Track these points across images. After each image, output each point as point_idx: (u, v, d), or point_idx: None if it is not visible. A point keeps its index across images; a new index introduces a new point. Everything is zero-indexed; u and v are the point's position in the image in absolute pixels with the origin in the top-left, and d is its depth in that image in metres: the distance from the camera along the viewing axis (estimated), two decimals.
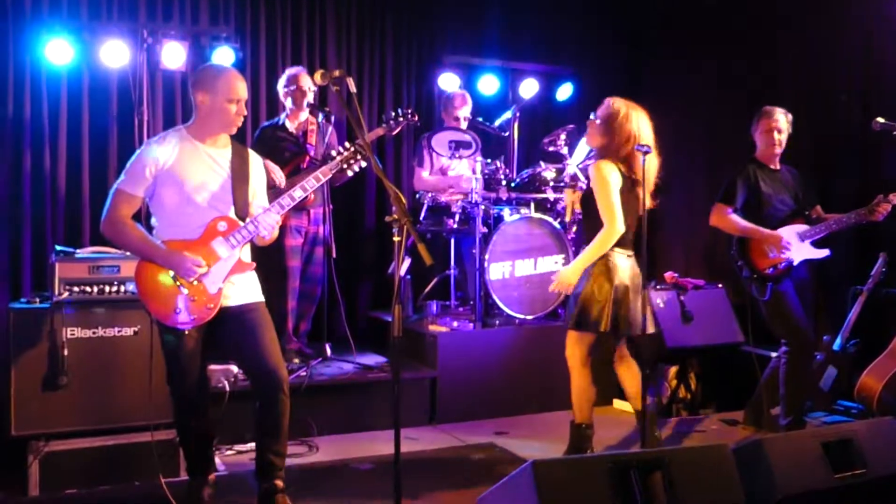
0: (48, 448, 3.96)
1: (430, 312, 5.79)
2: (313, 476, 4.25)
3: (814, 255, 4.80)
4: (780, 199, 4.84)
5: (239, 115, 3.57)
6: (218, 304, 3.49)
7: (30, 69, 5.45)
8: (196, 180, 3.50)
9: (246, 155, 3.70)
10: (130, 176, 3.50)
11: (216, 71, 3.65)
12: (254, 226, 3.51)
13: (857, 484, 3.19)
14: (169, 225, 3.53)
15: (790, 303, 4.75)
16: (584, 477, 2.82)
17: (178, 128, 3.65)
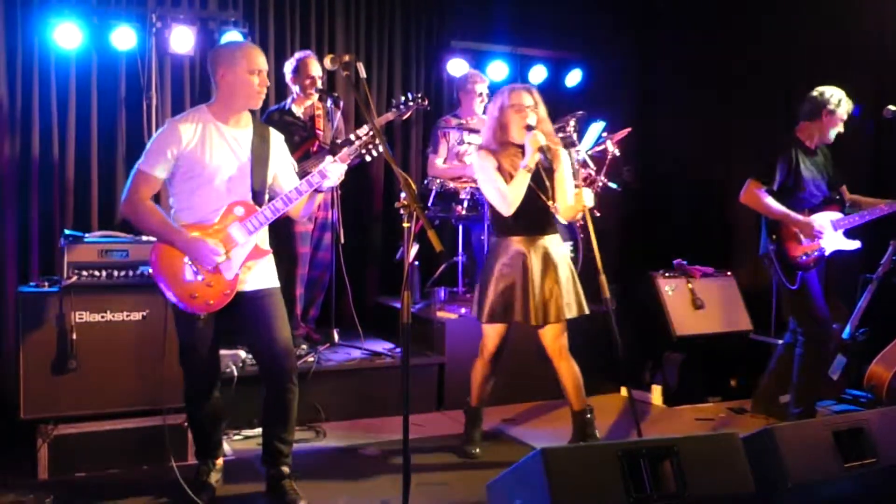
0: (57, 432, 3.96)
1: (438, 299, 5.78)
2: (321, 461, 4.27)
3: (845, 245, 4.73)
4: (816, 184, 4.75)
5: (262, 87, 3.51)
6: (234, 291, 3.47)
7: (38, 53, 5.43)
8: (216, 163, 3.46)
9: (267, 134, 3.66)
10: (151, 156, 3.46)
11: (234, 45, 3.61)
12: (271, 212, 3.48)
13: (869, 473, 3.17)
14: (186, 208, 3.50)
15: (815, 293, 4.69)
16: (594, 464, 2.82)
17: (199, 107, 3.59)
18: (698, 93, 6.88)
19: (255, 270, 3.58)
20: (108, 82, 5.71)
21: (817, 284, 4.72)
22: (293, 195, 3.51)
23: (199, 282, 3.44)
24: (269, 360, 3.59)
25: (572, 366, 4.25)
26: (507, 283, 4.14)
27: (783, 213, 4.65)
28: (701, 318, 5.71)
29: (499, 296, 4.15)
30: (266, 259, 3.62)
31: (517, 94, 4.15)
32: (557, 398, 5.44)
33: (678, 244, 6.68)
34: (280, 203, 3.50)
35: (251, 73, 3.47)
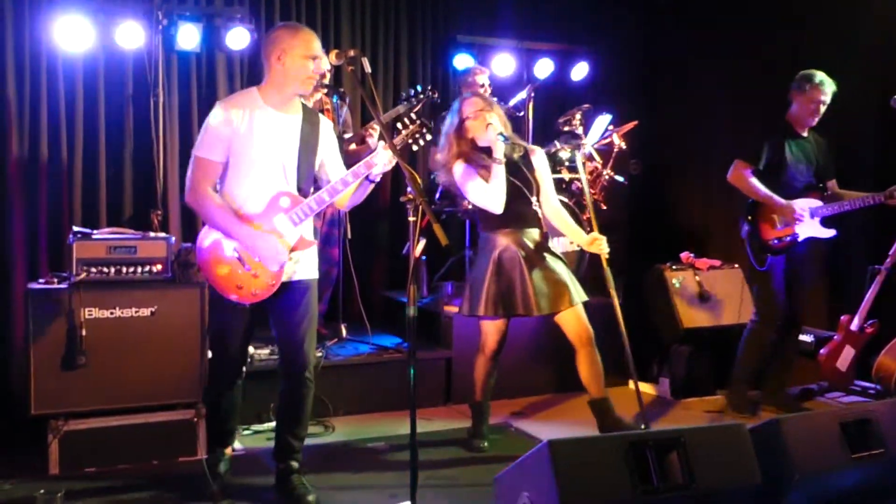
0: (67, 427, 3.99)
1: (446, 293, 5.79)
2: (330, 456, 4.28)
3: (820, 233, 4.79)
4: (799, 168, 4.81)
5: (317, 73, 3.45)
6: (279, 282, 3.45)
7: (46, 52, 5.45)
8: (265, 149, 3.42)
9: (316, 120, 3.61)
10: (208, 141, 3.41)
11: (293, 28, 3.49)
12: (317, 203, 3.45)
13: (876, 463, 3.17)
14: (233, 194, 3.45)
15: (776, 278, 4.83)
16: (600, 456, 2.83)
17: (249, 90, 3.54)
18: (705, 85, 6.86)
19: (301, 263, 3.56)
20: (116, 80, 5.72)
21: (782, 271, 4.84)
22: (339, 186, 3.45)
23: (247, 272, 3.42)
24: (288, 351, 3.61)
25: (595, 353, 4.23)
26: (503, 277, 4.16)
27: (767, 195, 4.74)
28: (708, 310, 5.70)
29: (496, 290, 4.16)
30: (310, 250, 3.59)
31: (470, 102, 4.26)
32: (565, 391, 5.49)
33: (685, 237, 6.68)
34: (326, 195, 3.45)
35: (307, 58, 3.40)
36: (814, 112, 4.78)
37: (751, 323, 5.04)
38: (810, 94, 4.75)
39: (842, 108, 5.56)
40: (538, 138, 6.61)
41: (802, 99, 4.79)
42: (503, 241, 4.20)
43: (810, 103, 4.76)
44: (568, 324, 4.21)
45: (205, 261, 3.48)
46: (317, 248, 3.68)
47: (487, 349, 4.36)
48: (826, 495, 3.17)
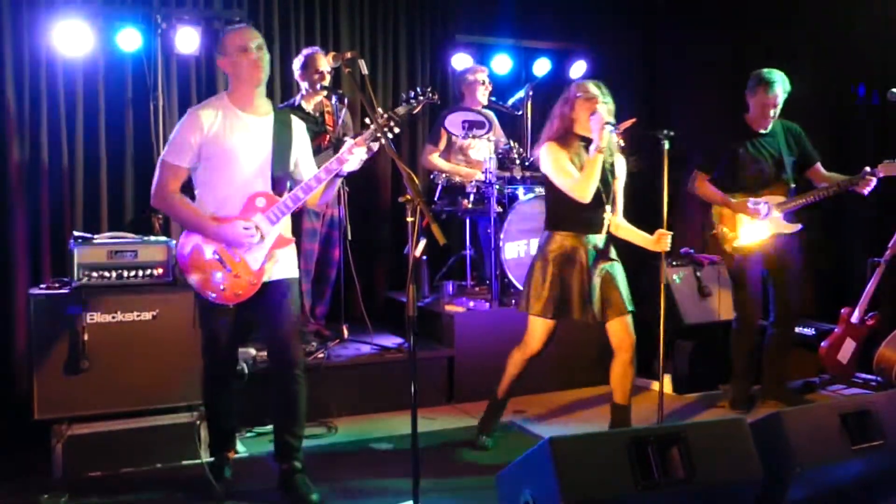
0: (71, 431, 4.00)
1: (447, 293, 5.80)
2: (333, 457, 4.29)
3: (784, 229, 4.79)
4: (759, 166, 4.84)
5: (259, 61, 3.50)
6: (261, 281, 3.52)
7: (45, 56, 5.47)
8: (238, 151, 3.50)
9: (288, 121, 3.69)
10: (175, 147, 3.51)
11: (230, 29, 3.66)
12: (292, 201, 3.51)
13: (876, 455, 3.18)
14: (210, 197, 3.54)
15: (750, 279, 4.90)
16: (601, 452, 2.84)
17: (220, 95, 3.65)
18: (704, 83, 6.86)
19: (280, 262, 3.61)
20: (115, 83, 5.74)
21: (756, 271, 4.90)
22: (312, 183, 3.51)
23: (228, 273, 3.48)
24: (276, 350, 3.66)
25: (632, 363, 4.15)
26: (562, 279, 4.07)
27: (722, 198, 4.86)
28: (709, 306, 5.72)
29: (554, 290, 4.07)
30: (289, 248, 3.66)
31: (584, 86, 4.11)
32: (567, 388, 5.50)
33: (685, 234, 6.68)
34: (301, 192, 3.51)
35: (242, 52, 3.49)
36: (767, 113, 4.80)
37: (734, 323, 5.12)
38: (760, 93, 4.80)
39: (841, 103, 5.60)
40: (537, 137, 6.61)
41: (755, 99, 4.84)
42: (566, 242, 4.09)
43: (761, 104, 4.81)
44: (614, 331, 4.12)
45: (186, 265, 3.55)
46: (295, 248, 3.73)
47: (530, 348, 4.24)
48: (827, 487, 3.18)
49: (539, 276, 4.12)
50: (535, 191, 5.76)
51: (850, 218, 5.36)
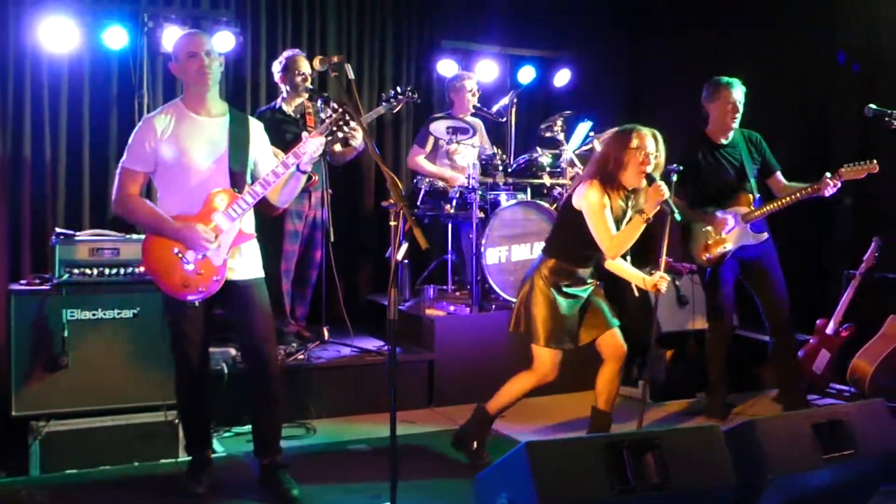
0: (49, 428, 4.00)
1: (428, 297, 5.83)
2: (311, 458, 4.30)
3: (751, 240, 4.84)
4: (720, 176, 4.87)
5: (207, 68, 3.55)
6: (223, 277, 3.56)
7: (30, 52, 5.47)
8: (193, 152, 3.55)
9: (245, 122, 3.75)
10: (131, 153, 3.58)
11: (179, 35, 3.74)
12: (252, 196, 3.55)
13: (847, 464, 3.23)
14: (170, 199, 3.59)
15: (723, 289, 4.93)
16: (578, 457, 2.87)
17: (174, 101, 3.72)
18: (686, 95, 6.90)
19: (243, 258, 3.65)
20: (100, 81, 5.75)
21: (728, 281, 4.92)
22: (270, 178, 3.57)
23: (190, 270, 3.51)
24: (251, 348, 3.69)
25: (619, 372, 4.15)
26: (572, 312, 4.07)
27: (691, 213, 4.85)
28: (687, 314, 5.77)
29: (564, 322, 4.04)
30: (251, 244, 3.70)
31: (642, 137, 3.90)
32: (545, 394, 5.51)
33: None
34: (259, 187, 3.56)
35: (190, 57, 3.56)
36: (730, 118, 4.83)
37: (707, 332, 5.17)
38: (719, 98, 4.82)
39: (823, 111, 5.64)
40: (520, 144, 6.68)
41: (714, 105, 4.86)
42: (567, 271, 4.05)
43: (721, 108, 4.83)
44: (605, 344, 4.12)
45: (150, 265, 3.58)
46: (258, 245, 3.76)
47: (543, 377, 4.14)
48: (799, 495, 3.22)
49: (543, 304, 4.05)
50: (517, 197, 5.81)
51: (826, 230, 5.42)
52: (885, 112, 4.53)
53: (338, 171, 5.86)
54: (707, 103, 4.93)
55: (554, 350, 4.07)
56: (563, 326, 4.05)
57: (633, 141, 3.88)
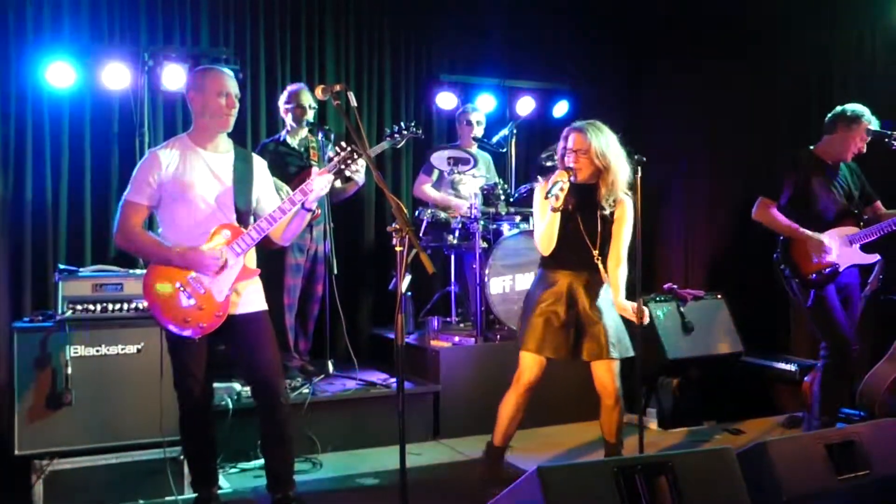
0: (52, 467, 3.95)
1: (432, 328, 5.80)
2: (319, 493, 4.25)
3: (862, 260, 4.70)
4: (830, 198, 4.72)
5: (230, 109, 3.58)
6: (226, 313, 3.52)
7: (31, 91, 5.50)
8: (198, 187, 3.54)
9: (250, 159, 3.74)
10: (136, 186, 3.55)
11: (203, 70, 3.69)
12: (257, 232, 3.54)
13: (861, 485, 3.20)
14: (173, 233, 3.56)
15: (832, 307, 4.66)
16: (590, 482, 2.83)
17: (180, 136, 3.71)
18: (686, 121, 6.99)
19: (245, 293, 3.63)
20: (102, 119, 5.77)
21: (835, 300, 4.68)
22: (277, 214, 3.57)
23: (192, 306, 3.49)
24: (258, 382, 3.65)
25: (615, 410, 4.05)
26: (550, 314, 3.99)
27: (791, 227, 4.66)
28: (692, 341, 5.73)
29: (542, 326, 3.99)
30: (254, 280, 3.67)
31: (568, 135, 4.04)
32: (555, 423, 5.49)
33: (667, 269, 6.75)
34: (265, 223, 3.56)
35: (218, 96, 3.55)
36: (856, 148, 4.70)
37: (822, 360, 4.77)
38: (855, 130, 4.66)
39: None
40: (521, 173, 6.71)
41: (847, 135, 4.68)
42: (555, 279, 4.04)
43: (857, 139, 4.67)
44: (596, 375, 4.04)
45: (151, 299, 3.54)
46: (260, 281, 3.72)
47: (521, 384, 4.07)
48: None
49: (527, 309, 4.10)
50: (519, 227, 5.81)
51: None
52: (885, 133, 4.55)
53: (338, 208, 5.87)
54: (838, 127, 4.71)
55: (529, 354, 4.02)
56: (539, 332, 3.98)
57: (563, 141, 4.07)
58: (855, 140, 4.68)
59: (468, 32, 7.08)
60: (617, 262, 4.06)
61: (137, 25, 5.90)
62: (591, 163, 3.96)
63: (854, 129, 4.66)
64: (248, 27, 6.29)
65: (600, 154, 3.95)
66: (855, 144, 4.69)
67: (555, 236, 4.00)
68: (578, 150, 3.96)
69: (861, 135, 4.67)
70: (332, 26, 6.61)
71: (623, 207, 4.05)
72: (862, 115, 4.65)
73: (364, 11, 6.73)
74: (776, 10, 6.16)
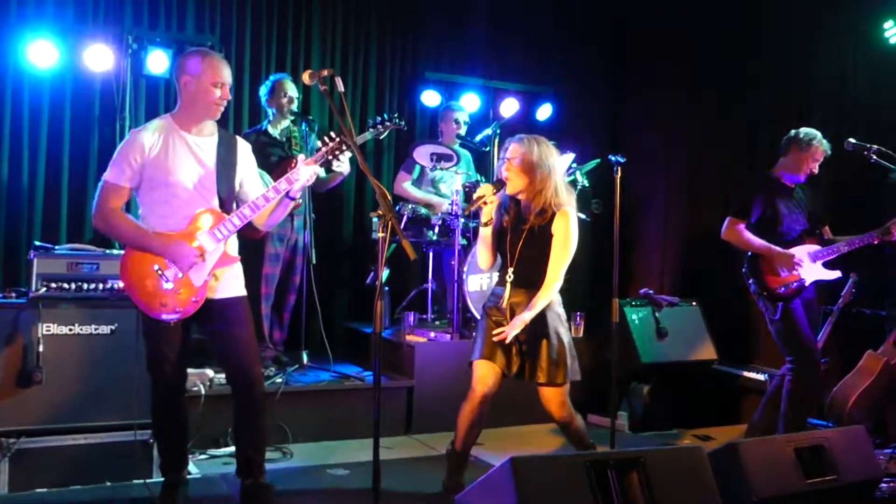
0: (19, 445, 3.89)
1: (408, 324, 5.79)
2: (288, 480, 4.21)
3: (825, 276, 4.80)
4: (794, 217, 4.83)
5: (223, 100, 3.53)
6: (203, 298, 3.48)
7: (12, 70, 5.44)
8: (181, 170, 3.49)
9: (234, 143, 3.69)
10: (116, 167, 3.48)
11: (202, 53, 3.58)
12: (239, 219, 3.50)
13: (829, 489, 3.24)
14: (154, 216, 3.51)
15: (799, 321, 4.74)
16: (563, 474, 2.85)
17: (163, 116, 3.64)
18: (666, 129, 7.05)
19: (224, 278, 3.58)
20: (83, 101, 5.73)
21: (802, 313, 4.76)
22: (260, 201, 3.52)
23: (169, 289, 3.44)
24: (235, 368, 3.62)
25: (568, 430, 4.03)
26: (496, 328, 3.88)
27: (764, 246, 4.74)
28: (666, 346, 5.78)
29: (491, 338, 3.88)
30: (234, 267, 3.63)
31: (507, 146, 3.96)
32: (526, 423, 5.50)
33: (645, 274, 6.79)
34: (248, 210, 3.51)
35: (214, 85, 3.49)
36: (810, 169, 4.80)
37: (789, 373, 4.78)
38: (810, 152, 4.75)
39: None
40: None
41: (801, 156, 4.77)
42: (500, 294, 3.95)
43: (810, 160, 4.77)
44: (540, 398, 3.99)
45: (127, 281, 3.50)
46: (241, 267, 3.69)
47: (474, 394, 3.93)
48: None
49: (480, 321, 4.07)
50: None
51: None
52: (864, 146, 4.62)
53: (320, 199, 5.85)
54: (792, 148, 4.80)
55: (481, 362, 3.91)
56: (489, 342, 3.88)
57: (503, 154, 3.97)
58: (808, 161, 4.78)
59: (455, 31, 7.11)
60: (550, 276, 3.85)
61: (122, 7, 5.87)
62: (521, 172, 3.85)
63: (807, 151, 4.77)
64: (235, 15, 6.29)
65: (530, 163, 3.82)
66: (808, 165, 4.79)
67: (489, 251, 3.99)
68: (511, 159, 3.89)
69: (814, 156, 4.77)
70: (320, 17, 6.61)
71: (559, 222, 3.85)
72: (814, 138, 4.76)
73: (352, 4, 6.74)
74: (761, 17, 6.22)
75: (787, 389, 4.77)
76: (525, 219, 3.94)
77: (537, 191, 3.85)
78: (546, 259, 3.87)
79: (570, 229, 3.86)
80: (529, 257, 3.91)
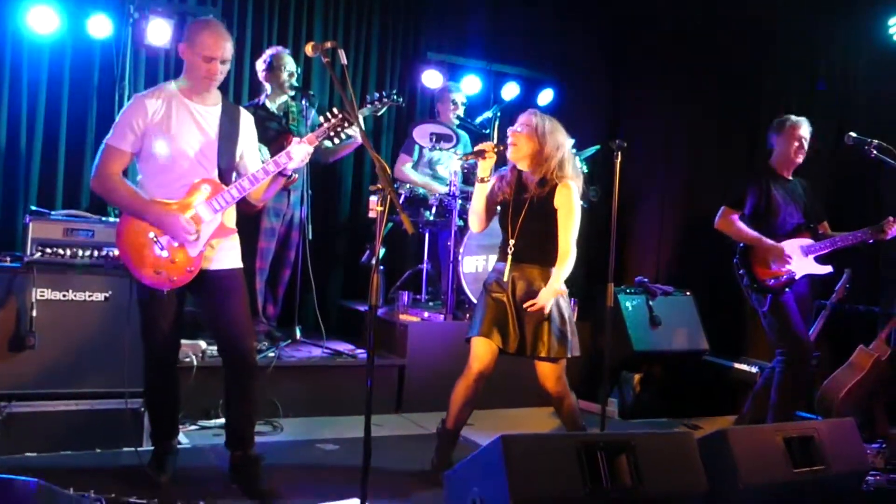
0: (9, 409, 3.89)
1: (402, 303, 5.79)
2: (278, 453, 4.22)
3: (816, 270, 4.80)
4: (789, 210, 4.81)
5: (213, 74, 3.47)
6: (198, 268, 3.47)
7: (11, 35, 5.40)
8: (182, 138, 3.47)
9: (237, 114, 3.67)
10: (118, 131, 3.46)
11: (202, 25, 3.54)
12: (237, 191, 3.49)
13: (817, 480, 3.25)
14: (152, 183, 3.50)
15: (790, 313, 4.73)
16: (553, 454, 2.86)
17: (167, 83, 3.62)
18: (666, 117, 7.03)
19: (220, 249, 3.57)
20: (82, 70, 5.68)
21: (794, 307, 4.75)
22: (260, 174, 3.51)
23: (164, 258, 3.43)
24: (229, 340, 3.61)
25: (562, 407, 4.06)
26: (497, 304, 3.93)
27: (755, 237, 4.74)
28: (659, 335, 5.79)
29: (491, 315, 3.92)
30: (231, 238, 3.62)
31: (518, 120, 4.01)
32: (517, 406, 5.51)
33: (640, 262, 6.80)
34: (247, 182, 3.50)
35: (203, 59, 3.45)
36: (797, 151, 4.79)
37: (778, 365, 4.78)
38: (787, 132, 4.78)
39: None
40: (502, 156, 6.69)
41: (781, 139, 4.80)
42: (502, 268, 3.98)
43: (789, 142, 4.78)
44: (538, 373, 4.01)
45: (122, 248, 3.49)
46: (238, 238, 3.68)
47: (470, 371, 3.97)
48: None
49: (479, 298, 4.08)
50: None
51: None
52: (864, 140, 4.62)
53: (317, 175, 5.83)
54: (774, 137, 4.85)
55: (479, 339, 3.92)
56: (488, 318, 3.92)
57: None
58: (790, 142, 4.79)
59: (458, 13, 7.06)
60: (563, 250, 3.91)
61: None
62: (528, 139, 3.92)
63: (785, 132, 4.79)
64: None
65: (540, 133, 3.91)
66: (792, 147, 4.79)
67: (482, 212, 4.04)
68: (521, 125, 3.96)
69: (794, 135, 4.77)
70: None
71: (562, 194, 3.90)
72: (788, 119, 4.78)
73: None
74: (764, 6, 6.20)
75: (778, 381, 4.78)
76: (526, 188, 3.97)
77: (542, 160, 3.91)
78: (548, 234, 3.92)
79: (573, 200, 3.92)
80: (531, 231, 3.95)
